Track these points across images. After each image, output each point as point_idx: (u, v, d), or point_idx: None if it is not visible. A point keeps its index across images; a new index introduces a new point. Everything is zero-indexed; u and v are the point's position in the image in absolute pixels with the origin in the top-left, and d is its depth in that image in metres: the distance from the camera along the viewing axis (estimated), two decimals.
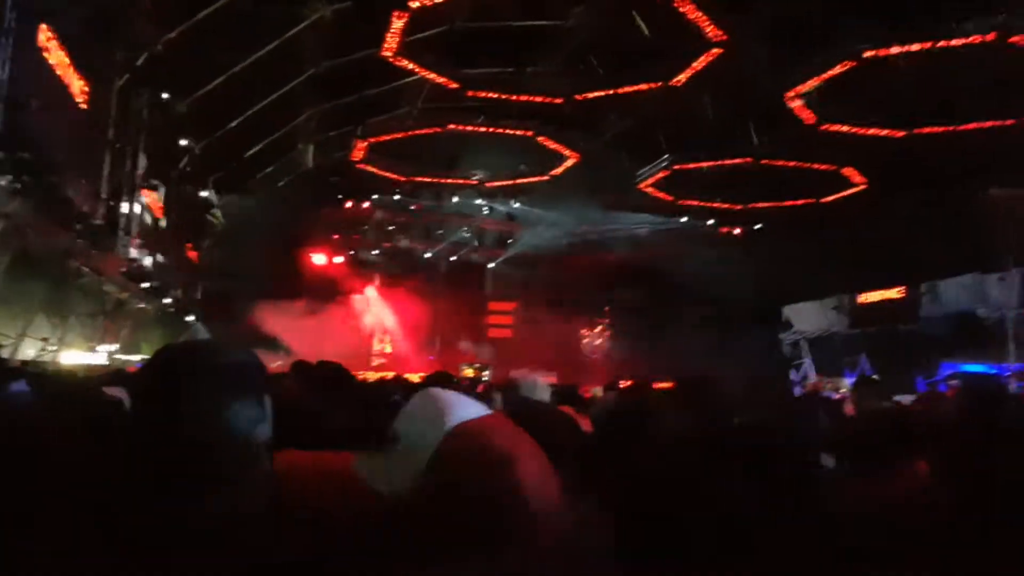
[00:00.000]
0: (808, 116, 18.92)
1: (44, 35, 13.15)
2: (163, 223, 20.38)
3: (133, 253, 18.12)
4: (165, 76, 17.32)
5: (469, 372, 25.22)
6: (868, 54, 16.64)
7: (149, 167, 18.63)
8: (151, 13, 15.70)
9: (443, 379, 5.58)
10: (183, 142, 20.19)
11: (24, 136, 12.07)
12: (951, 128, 18.74)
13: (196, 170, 21.48)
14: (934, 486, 2.97)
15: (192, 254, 23.56)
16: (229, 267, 22.79)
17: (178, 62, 16.93)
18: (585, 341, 31.53)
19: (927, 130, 19.03)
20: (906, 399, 12.61)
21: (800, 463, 2.31)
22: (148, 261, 18.97)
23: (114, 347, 19.21)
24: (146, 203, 19.21)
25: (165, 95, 18.30)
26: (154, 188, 19.29)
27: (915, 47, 16.32)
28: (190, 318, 22.54)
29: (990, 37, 15.58)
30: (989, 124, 18.40)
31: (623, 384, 9.20)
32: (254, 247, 22.12)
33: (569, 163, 22.87)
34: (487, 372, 25.29)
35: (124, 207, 17.77)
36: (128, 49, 16.32)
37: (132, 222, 18.16)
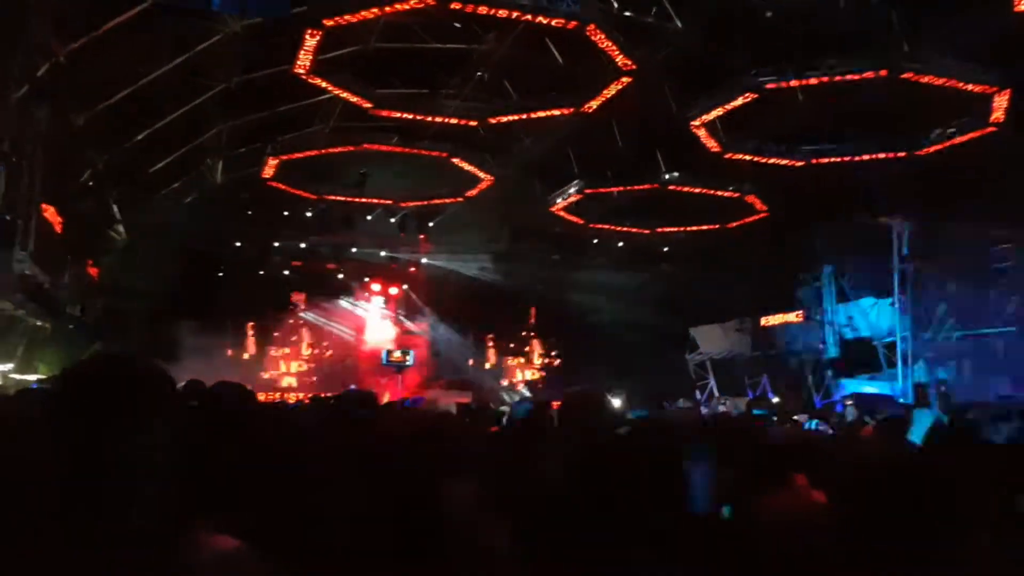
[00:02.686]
0: (713, 145, 19.54)
1: None
2: (62, 239, 19.67)
3: (29, 269, 17.43)
4: (67, 88, 16.77)
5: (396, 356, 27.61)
6: (769, 87, 17.32)
7: (48, 181, 17.97)
8: (54, 23, 15.22)
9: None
10: (84, 156, 19.55)
11: None
12: (847, 159, 19.64)
13: (98, 185, 20.81)
14: (814, 498, 3.16)
15: (93, 270, 22.78)
16: (131, 284, 22.10)
17: (82, 74, 16.44)
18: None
19: (825, 160, 19.88)
20: (802, 417, 13.18)
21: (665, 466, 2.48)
22: (45, 278, 18.27)
23: (8, 366, 18.44)
24: (44, 218, 18.52)
25: (66, 108, 17.72)
26: (53, 203, 18.62)
27: (813, 81, 17.04)
28: (92, 337, 21.79)
29: (883, 73, 16.41)
30: (882, 156, 19.37)
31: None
32: (159, 264, 21.54)
33: (483, 185, 23.04)
34: (410, 355, 27.60)
35: (20, 222, 17.10)
36: (28, 59, 15.76)
37: (29, 237, 17.47)
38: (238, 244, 26.81)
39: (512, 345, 31.80)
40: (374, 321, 29.46)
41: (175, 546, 1.60)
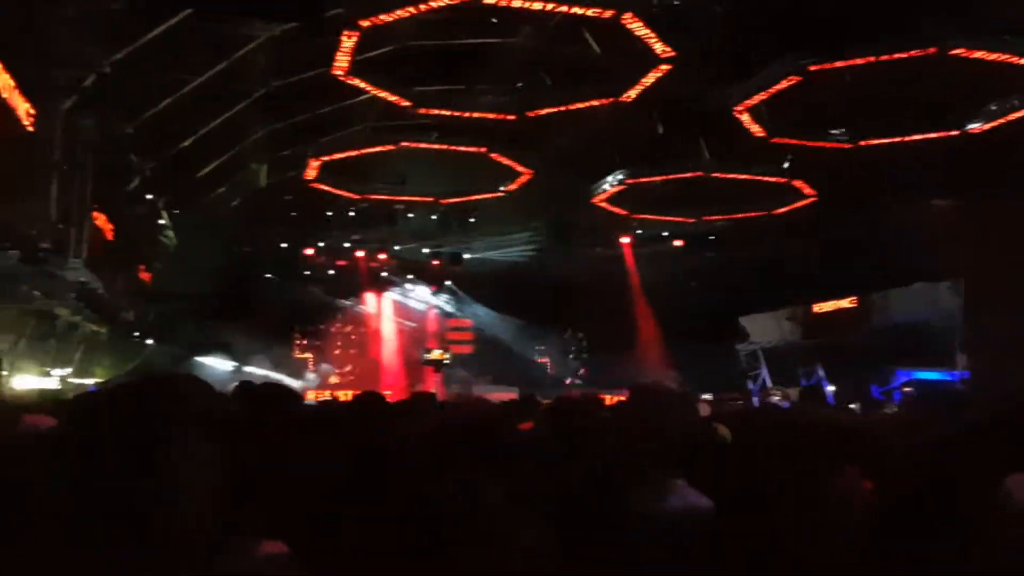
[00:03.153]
0: (757, 130, 19.21)
1: None
2: (114, 245, 20.15)
3: (84, 276, 17.87)
4: (113, 97, 17.14)
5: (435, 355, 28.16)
6: (813, 68, 16.95)
7: (98, 189, 18.41)
8: (98, 34, 15.57)
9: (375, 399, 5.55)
10: (132, 164, 19.98)
11: None
12: (897, 140, 19.14)
13: (147, 191, 21.25)
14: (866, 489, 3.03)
15: (144, 275, 23.30)
16: (181, 288, 22.53)
17: (126, 83, 16.79)
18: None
19: (874, 142, 19.40)
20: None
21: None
22: (99, 284, 18.73)
23: (67, 371, 18.96)
24: (96, 226, 18.98)
25: (113, 117, 18.12)
26: (104, 210, 19.08)
27: (859, 61, 16.64)
28: (148, 340, 22.29)
29: (931, 51, 15.95)
30: (934, 136, 18.83)
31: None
32: (207, 267, 21.92)
33: (523, 179, 22.97)
34: (447, 355, 28.17)
35: (73, 230, 17.55)
36: (74, 71, 16.14)
37: (82, 245, 17.92)
38: (284, 245, 27.14)
39: (556, 337, 31.60)
40: (419, 317, 29.58)
41: (218, 554, 1.61)
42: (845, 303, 25.17)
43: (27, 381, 16.26)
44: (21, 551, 1.59)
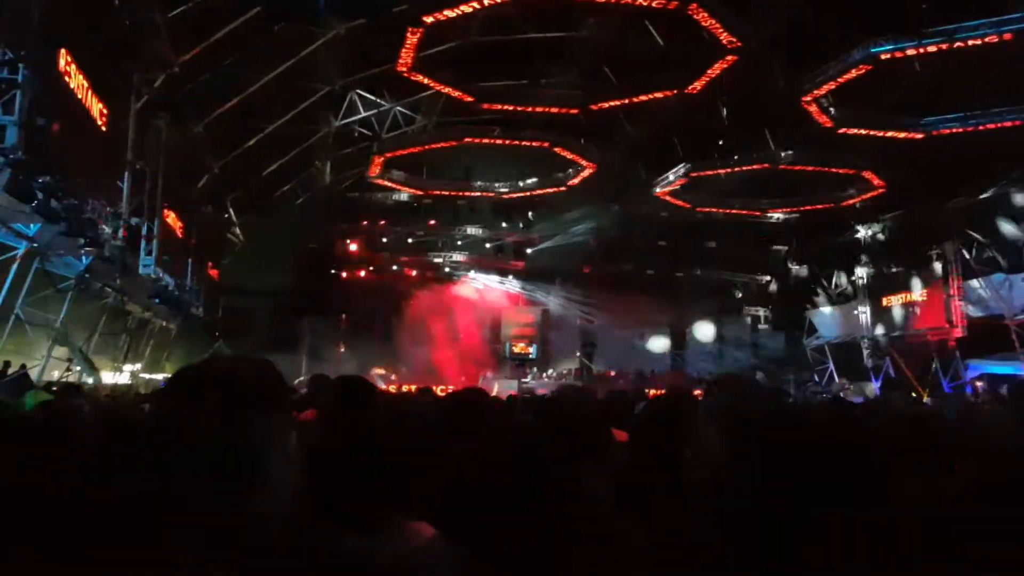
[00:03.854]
0: (825, 120, 18.81)
1: (64, 60, 13.33)
2: (184, 243, 20.55)
3: (155, 273, 18.25)
4: (183, 97, 17.47)
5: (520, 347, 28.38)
6: (884, 57, 16.53)
7: (169, 188, 18.78)
8: (168, 36, 15.86)
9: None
10: (202, 162, 20.34)
11: (46, 160, 12.21)
12: (968, 129, 18.57)
13: (215, 189, 21.63)
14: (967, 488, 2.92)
15: (213, 272, 23.75)
16: (249, 284, 22.89)
17: (195, 83, 17.09)
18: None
19: (945, 132, 18.86)
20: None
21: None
22: (169, 280, 19.11)
23: (137, 366, 19.38)
24: (167, 223, 19.36)
25: (183, 116, 18.46)
26: (173, 208, 19.46)
27: (930, 48, 16.18)
28: (215, 336, 22.70)
29: (1007, 37, 15.44)
30: (1007, 124, 18.23)
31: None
32: (275, 264, 22.23)
33: (586, 173, 22.85)
34: (533, 348, 28.25)
35: (145, 228, 17.92)
36: (146, 71, 16.49)
37: (154, 242, 18.30)
38: (348, 241, 27.38)
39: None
40: (489, 311, 29.23)
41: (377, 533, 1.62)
42: (916, 296, 24.50)
43: (100, 376, 16.60)
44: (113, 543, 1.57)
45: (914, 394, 19.61)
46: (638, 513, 2.67)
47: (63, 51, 13.23)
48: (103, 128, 15.10)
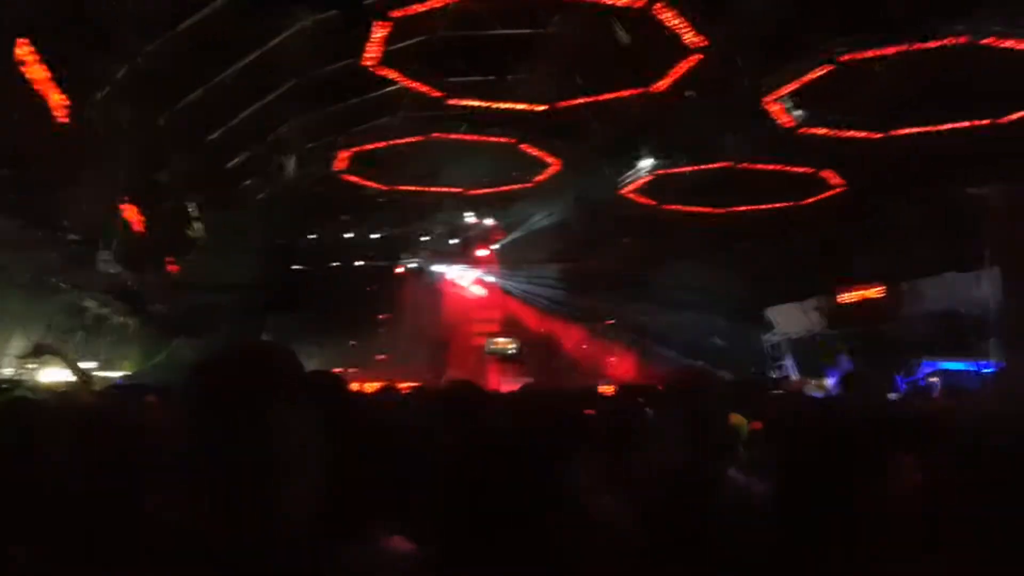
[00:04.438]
0: (786, 120, 19.09)
1: (22, 50, 13.05)
2: (144, 237, 20.20)
3: (114, 268, 17.94)
4: (145, 89, 17.16)
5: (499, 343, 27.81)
6: (845, 58, 16.83)
7: (129, 181, 18.44)
8: (131, 26, 15.57)
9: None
10: (164, 155, 20.00)
11: (4, 153, 11.95)
12: (927, 129, 18.98)
13: (176, 183, 21.28)
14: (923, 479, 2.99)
15: (173, 268, 23.35)
16: (211, 280, 22.55)
17: (158, 74, 16.79)
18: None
19: (904, 131, 19.24)
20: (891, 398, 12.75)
21: None
22: (129, 276, 18.81)
23: (93, 364, 18.96)
24: (126, 217, 19.02)
25: (145, 108, 18.13)
26: (134, 202, 19.11)
27: (891, 50, 16.51)
28: (175, 333, 22.32)
29: (962, 40, 15.82)
30: (964, 124, 18.66)
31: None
32: (237, 260, 21.90)
33: (552, 170, 22.92)
34: (513, 345, 27.68)
35: (105, 222, 17.61)
36: (108, 62, 16.16)
37: (113, 237, 17.99)
38: (312, 236, 27.17)
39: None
40: (460, 305, 28.92)
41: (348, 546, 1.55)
42: (872, 292, 24.97)
43: (53, 373, 16.16)
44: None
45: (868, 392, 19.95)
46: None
47: (21, 41, 12.97)
48: (63, 120, 14.81)
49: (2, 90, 12.58)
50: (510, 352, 27.94)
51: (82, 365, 18.30)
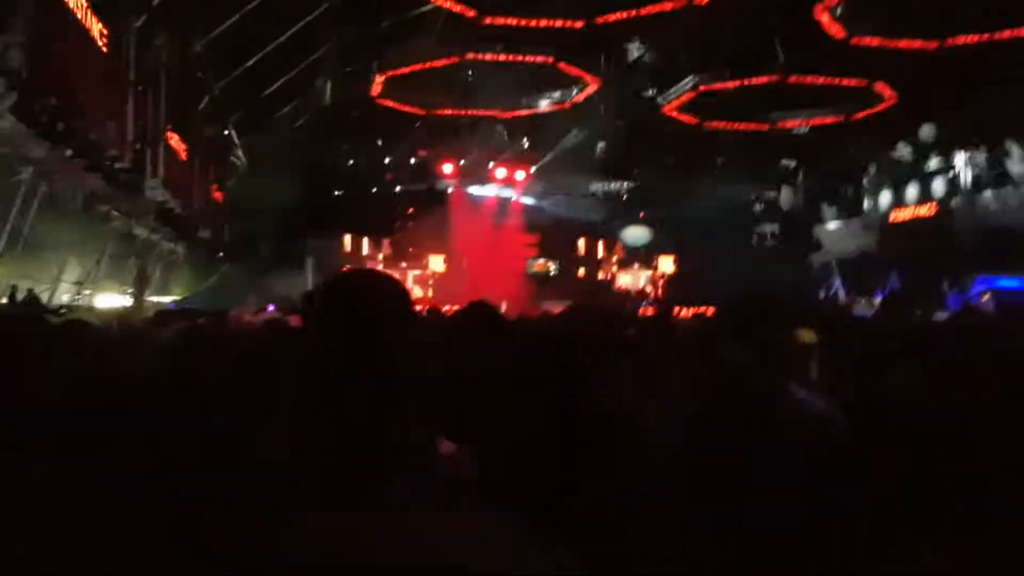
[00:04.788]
0: (837, 30, 18.43)
1: None
2: (188, 165, 20.40)
3: (161, 195, 18.15)
4: (182, 15, 17.09)
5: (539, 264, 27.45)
6: None
7: (171, 109, 18.53)
8: None
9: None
10: (203, 82, 20.03)
11: (49, 82, 12.04)
12: (985, 37, 18.20)
13: (216, 110, 21.35)
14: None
15: (217, 195, 23.60)
16: (254, 206, 22.75)
17: (193, 1, 16.72)
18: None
19: (960, 40, 18.47)
20: (940, 316, 12.53)
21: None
22: (176, 203, 19.03)
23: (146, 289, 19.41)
24: (170, 145, 19.18)
25: (183, 35, 18.09)
26: (177, 130, 19.24)
27: None
28: (223, 258, 22.68)
29: None
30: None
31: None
32: (278, 185, 22.03)
33: (590, 90, 22.49)
34: (553, 267, 27.43)
35: (149, 150, 17.75)
36: None
37: (158, 164, 18.16)
38: (351, 162, 27.14)
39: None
40: (499, 228, 28.50)
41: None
42: (924, 210, 24.34)
43: (108, 299, 16.56)
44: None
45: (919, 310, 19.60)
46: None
47: None
48: (104, 49, 14.84)
49: (45, 20, 12.61)
50: (551, 274, 27.62)
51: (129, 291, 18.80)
